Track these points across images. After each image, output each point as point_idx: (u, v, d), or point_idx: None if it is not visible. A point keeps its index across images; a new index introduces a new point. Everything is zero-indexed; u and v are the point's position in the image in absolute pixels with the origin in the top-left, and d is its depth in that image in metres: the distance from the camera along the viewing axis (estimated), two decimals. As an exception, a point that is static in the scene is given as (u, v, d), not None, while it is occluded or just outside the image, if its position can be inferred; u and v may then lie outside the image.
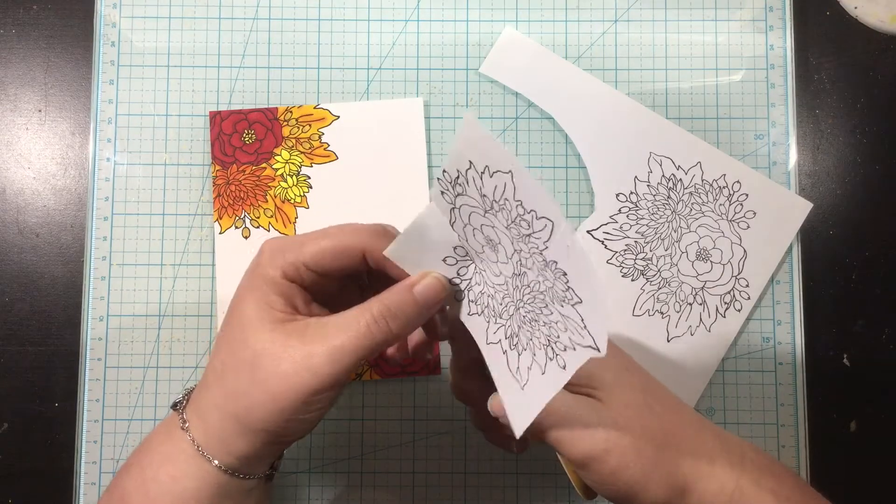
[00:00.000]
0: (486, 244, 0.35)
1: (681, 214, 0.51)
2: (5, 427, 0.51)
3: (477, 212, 0.34)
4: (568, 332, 0.33)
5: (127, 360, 0.51)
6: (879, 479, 0.51)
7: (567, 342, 0.33)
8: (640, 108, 0.52)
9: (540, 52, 0.53)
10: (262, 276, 0.34)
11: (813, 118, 0.53)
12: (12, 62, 0.53)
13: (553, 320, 0.33)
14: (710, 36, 0.53)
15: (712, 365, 0.51)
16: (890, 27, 0.53)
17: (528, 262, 0.34)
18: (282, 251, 0.35)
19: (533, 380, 0.34)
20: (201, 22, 0.53)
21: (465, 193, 0.34)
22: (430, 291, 0.35)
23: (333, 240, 0.35)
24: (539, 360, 0.34)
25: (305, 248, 0.35)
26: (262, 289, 0.34)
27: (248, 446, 0.34)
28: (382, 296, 0.34)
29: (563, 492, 0.51)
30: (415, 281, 0.35)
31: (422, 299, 0.35)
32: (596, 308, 0.31)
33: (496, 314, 0.36)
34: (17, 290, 0.52)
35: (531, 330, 0.35)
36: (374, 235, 0.35)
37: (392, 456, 0.51)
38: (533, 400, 0.34)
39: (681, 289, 0.51)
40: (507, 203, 0.33)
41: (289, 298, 0.34)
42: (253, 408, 0.33)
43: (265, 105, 0.52)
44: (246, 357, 0.33)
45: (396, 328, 0.34)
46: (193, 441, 0.34)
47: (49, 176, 0.53)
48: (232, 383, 0.33)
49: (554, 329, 0.34)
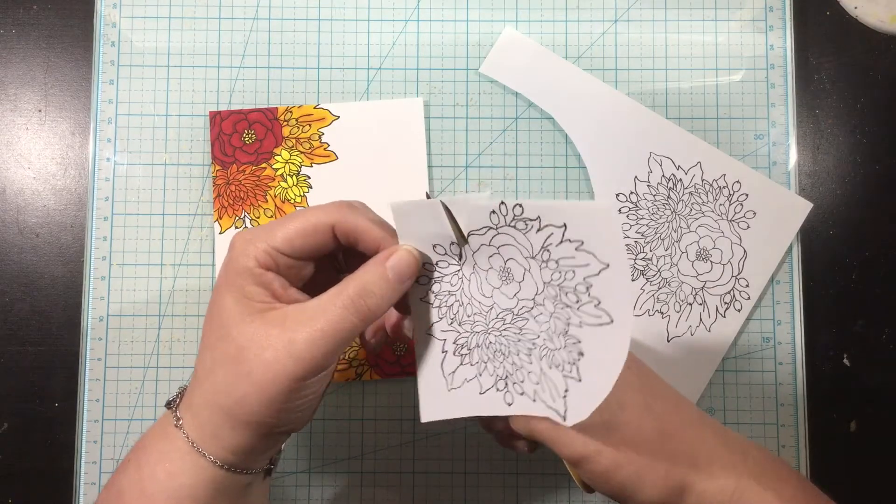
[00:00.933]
0: (496, 268, 0.35)
1: (681, 214, 0.51)
2: (5, 427, 0.51)
3: (513, 248, 0.35)
4: (538, 386, 0.35)
5: (127, 360, 0.51)
6: (879, 479, 0.51)
7: (531, 392, 0.35)
8: (640, 108, 0.52)
9: (540, 52, 0.53)
10: (236, 269, 0.34)
11: (813, 118, 0.53)
12: (12, 62, 0.53)
13: (525, 368, 0.35)
14: (710, 36, 0.53)
15: (712, 365, 0.51)
16: (890, 27, 0.53)
17: (540, 317, 0.34)
18: (252, 241, 0.35)
19: (465, 391, 0.36)
20: (201, 22, 0.53)
21: (511, 231, 0.34)
22: (403, 264, 0.35)
23: (301, 220, 0.35)
24: (483, 382, 0.36)
25: (275, 233, 0.35)
26: (238, 281, 0.34)
27: (242, 440, 0.34)
28: (357, 274, 0.34)
29: (563, 492, 0.51)
30: (387, 255, 0.35)
31: (395, 274, 0.35)
32: (592, 399, 0.33)
33: (455, 319, 0.37)
34: (17, 290, 0.52)
35: (491, 356, 0.36)
36: (340, 209, 0.35)
37: (392, 456, 0.51)
38: (455, 406, 0.36)
39: (681, 289, 0.51)
40: (566, 271, 0.34)
41: (266, 286, 0.34)
42: (242, 400, 0.33)
43: (265, 105, 0.52)
44: (230, 351, 0.33)
45: (374, 304, 0.34)
46: (188, 438, 0.34)
47: (49, 176, 0.53)
48: (220, 378, 0.33)
49: (520, 373, 0.35)
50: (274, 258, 0.35)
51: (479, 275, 0.36)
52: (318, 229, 0.35)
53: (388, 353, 0.51)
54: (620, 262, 0.32)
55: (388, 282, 0.34)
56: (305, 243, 0.35)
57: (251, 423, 0.33)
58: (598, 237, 0.33)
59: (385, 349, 0.51)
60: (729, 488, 0.35)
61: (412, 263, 0.35)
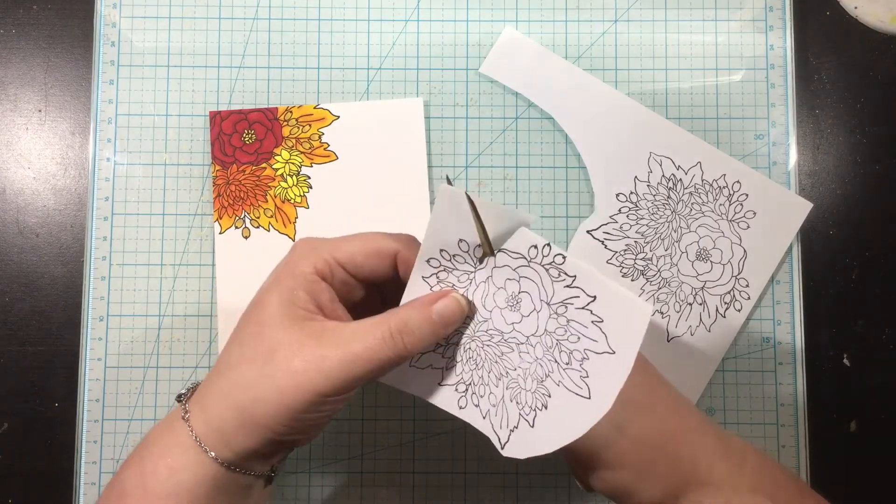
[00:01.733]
0: (508, 291, 0.36)
1: (681, 214, 0.51)
2: (5, 427, 0.51)
3: (534, 285, 0.35)
4: (493, 409, 0.36)
5: (127, 360, 0.51)
6: (879, 479, 0.51)
7: (484, 409, 0.37)
8: (640, 108, 0.52)
9: (540, 52, 0.53)
10: (291, 272, 0.35)
11: (813, 118, 0.53)
12: (12, 62, 0.53)
13: (490, 387, 0.36)
14: (710, 36, 0.53)
15: (712, 365, 0.51)
16: (890, 27, 0.53)
17: (525, 356, 0.35)
18: (316, 248, 0.35)
19: (426, 375, 0.38)
20: (201, 22, 0.53)
21: (540, 271, 0.35)
22: (449, 311, 0.35)
23: (368, 240, 0.35)
24: (446, 376, 0.38)
25: (340, 247, 0.35)
26: (290, 283, 0.34)
27: (248, 440, 0.34)
28: (402, 309, 0.34)
29: (563, 492, 0.51)
30: (436, 297, 0.35)
31: (439, 319, 0.35)
32: (534, 448, 0.35)
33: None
34: (17, 290, 0.52)
35: (464, 359, 0.37)
36: (406, 239, 0.36)
37: (392, 456, 0.51)
38: (410, 381, 0.38)
39: (681, 289, 0.51)
40: (572, 333, 0.35)
41: (315, 295, 0.35)
42: (258, 400, 0.33)
43: (265, 105, 0.52)
44: (261, 349, 0.33)
45: (411, 344, 0.34)
46: (192, 431, 0.34)
47: (49, 176, 0.53)
48: (242, 373, 0.33)
49: (483, 388, 0.37)
50: (332, 270, 0.35)
51: (489, 287, 0.36)
52: (382, 253, 0.35)
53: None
54: (627, 357, 0.33)
55: (432, 325, 0.34)
56: (366, 263, 0.35)
57: (259, 426, 0.33)
58: (620, 327, 0.33)
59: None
60: (724, 494, 0.35)
61: (458, 312, 0.35)
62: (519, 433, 0.36)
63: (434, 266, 0.36)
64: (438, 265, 0.36)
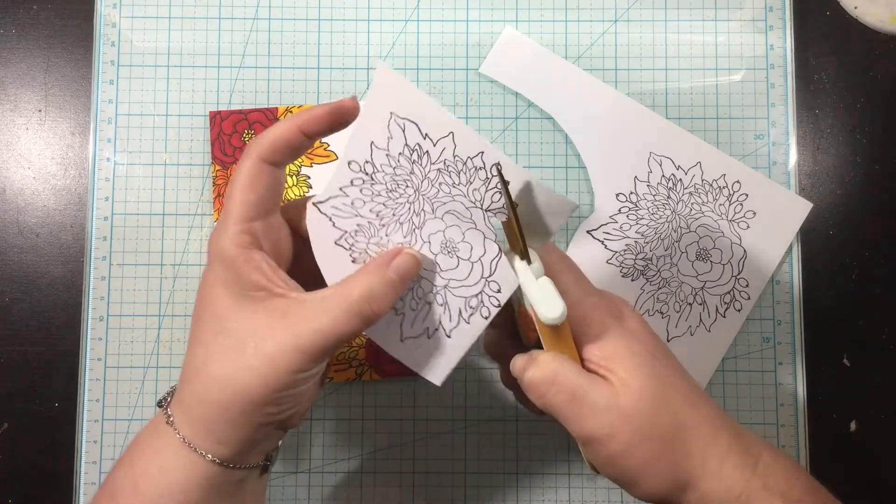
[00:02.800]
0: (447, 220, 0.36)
1: (681, 214, 0.51)
2: (5, 427, 0.51)
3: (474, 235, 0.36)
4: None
5: (127, 360, 0.51)
6: (879, 479, 0.51)
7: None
8: (640, 108, 0.52)
9: (540, 52, 0.53)
10: (221, 261, 0.34)
11: (813, 118, 0.53)
12: (12, 62, 0.53)
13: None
14: (710, 36, 0.53)
15: (712, 365, 0.51)
16: (890, 27, 0.53)
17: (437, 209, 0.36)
18: (220, 231, 0.35)
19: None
20: (201, 22, 0.53)
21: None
22: (406, 267, 0.36)
23: (239, 179, 0.35)
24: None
25: (229, 209, 0.35)
26: (227, 273, 0.34)
27: (239, 433, 0.34)
28: (361, 277, 0.35)
29: (563, 492, 0.51)
30: (390, 257, 0.35)
31: (398, 278, 0.35)
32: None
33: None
34: (17, 290, 0.52)
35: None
36: (259, 144, 0.36)
37: (392, 456, 0.51)
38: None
39: (681, 289, 0.51)
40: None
41: (256, 269, 0.34)
42: (238, 392, 0.33)
43: (265, 105, 0.52)
44: (228, 344, 0.33)
45: (378, 308, 0.34)
46: (179, 435, 0.34)
47: (49, 176, 0.53)
48: (216, 372, 0.33)
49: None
50: (249, 231, 0.35)
51: (426, 201, 0.36)
52: (264, 171, 0.35)
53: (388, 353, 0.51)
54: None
55: (393, 285, 0.35)
56: (259, 191, 0.35)
57: (246, 415, 0.33)
58: None
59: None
60: (736, 491, 0.35)
61: (415, 266, 0.36)
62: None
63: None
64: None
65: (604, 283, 0.51)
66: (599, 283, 0.51)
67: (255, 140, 0.36)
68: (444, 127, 0.35)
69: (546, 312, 0.34)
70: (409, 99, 0.35)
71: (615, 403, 0.35)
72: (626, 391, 0.35)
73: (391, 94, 0.35)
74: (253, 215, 0.35)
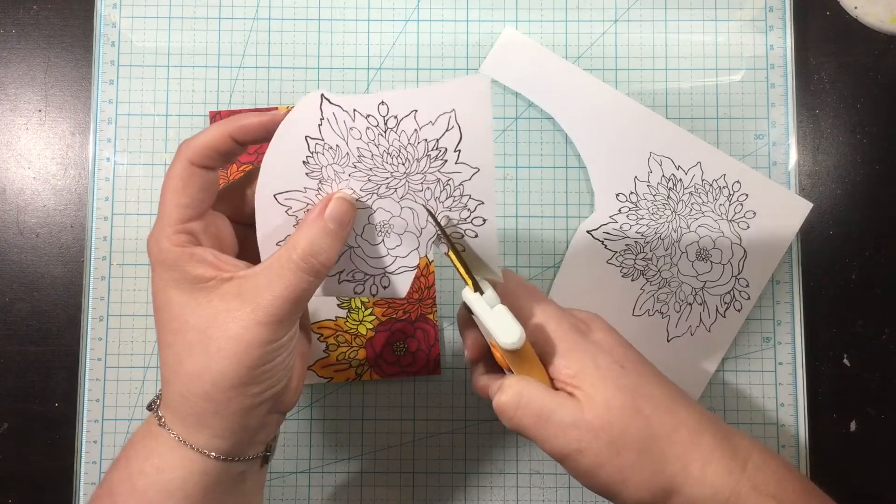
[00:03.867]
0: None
1: (681, 214, 0.51)
2: (5, 427, 0.51)
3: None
4: None
5: (127, 360, 0.51)
6: (879, 479, 0.51)
7: None
8: (640, 108, 0.52)
9: (540, 52, 0.53)
10: (163, 264, 0.35)
11: (813, 118, 0.53)
12: (12, 62, 0.53)
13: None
14: (710, 36, 0.53)
15: (712, 365, 0.51)
16: (890, 27, 0.53)
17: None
18: (157, 235, 0.35)
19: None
20: (201, 22, 0.53)
21: None
22: (341, 212, 0.35)
23: (172, 179, 0.35)
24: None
25: (165, 212, 0.35)
26: (173, 274, 0.34)
27: (229, 421, 0.34)
28: (299, 234, 0.35)
29: (563, 492, 0.51)
30: (322, 207, 0.35)
31: (336, 224, 0.35)
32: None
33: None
34: (17, 290, 0.52)
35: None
36: (186, 147, 0.36)
37: (392, 456, 0.51)
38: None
39: (681, 289, 0.51)
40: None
41: (202, 262, 0.34)
42: (218, 379, 0.33)
43: (265, 105, 0.52)
44: (191, 338, 0.33)
45: (325, 259, 0.35)
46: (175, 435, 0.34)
47: (49, 176, 0.53)
48: (189, 368, 0.33)
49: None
50: (187, 231, 0.35)
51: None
52: (195, 174, 0.35)
53: (388, 353, 0.51)
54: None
55: (332, 233, 0.35)
56: (193, 190, 0.35)
57: (231, 400, 0.33)
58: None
59: (385, 349, 0.51)
60: (723, 494, 0.35)
61: (349, 209, 0.36)
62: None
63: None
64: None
65: (604, 283, 0.51)
66: (599, 283, 0.51)
67: (186, 143, 0.36)
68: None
69: (503, 339, 0.35)
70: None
71: (581, 419, 0.35)
72: (591, 406, 0.35)
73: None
74: (187, 217, 0.35)
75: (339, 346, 0.51)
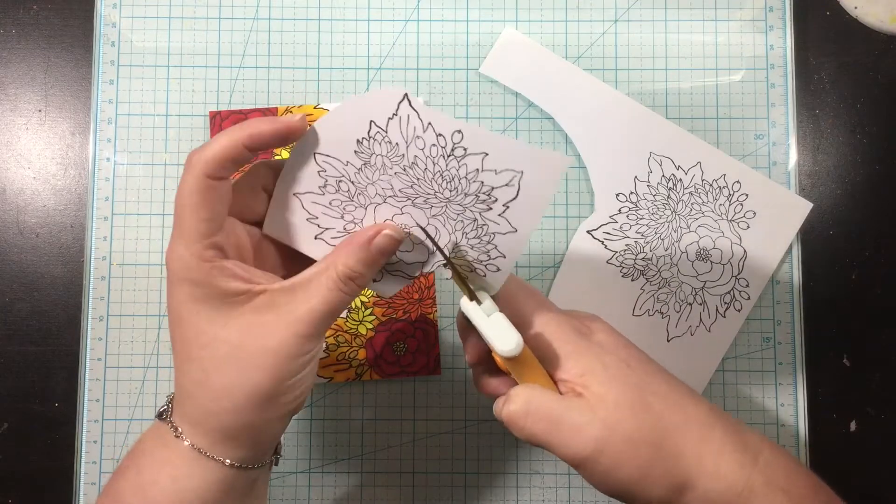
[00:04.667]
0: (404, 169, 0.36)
1: (681, 214, 0.51)
2: (5, 427, 0.51)
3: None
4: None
5: (127, 360, 0.51)
6: (879, 479, 0.51)
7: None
8: (640, 108, 0.52)
9: (540, 52, 0.53)
10: (191, 282, 0.34)
11: (813, 118, 0.53)
12: (12, 62, 0.53)
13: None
14: (710, 36, 0.53)
15: (712, 365, 0.51)
16: (890, 27, 0.53)
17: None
18: (183, 251, 0.34)
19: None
20: (201, 22, 0.53)
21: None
22: (386, 244, 0.36)
23: (189, 198, 0.34)
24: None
25: (186, 227, 0.34)
26: (201, 291, 0.33)
27: (258, 432, 0.34)
28: (342, 252, 0.35)
29: (563, 492, 0.51)
30: (372, 235, 0.35)
31: (380, 254, 0.36)
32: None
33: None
34: (17, 290, 0.52)
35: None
36: (198, 158, 0.35)
37: (392, 456, 0.51)
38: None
39: (681, 289, 0.51)
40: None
41: (235, 275, 0.34)
42: (253, 393, 0.33)
43: (265, 105, 0.52)
44: (224, 353, 0.33)
45: (361, 283, 0.35)
46: (192, 445, 0.34)
47: (49, 176, 0.53)
48: (219, 383, 0.33)
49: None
50: (214, 245, 0.34)
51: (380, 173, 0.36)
52: (212, 187, 0.34)
53: (388, 353, 0.51)
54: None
55: (374, 261, 0.36)
56: (212, 210, 0.34)
57: (264, 412, 0.34)
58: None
59: (385, 349, 0.51)
60: (737, 488, 0.35)
61: (395, 245, 0.36)
62: None
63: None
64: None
65: (604, 283, 0.51)
66: (599, 283, 0.51)
67: (197, 155, 0.34)
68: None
69: (501, 346, 0.35)
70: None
71: (594, 418, 0.35)
72: (602, 404, 0.35)
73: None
74: (212, 231, 0.34)
75: (339, 346, 0.51)
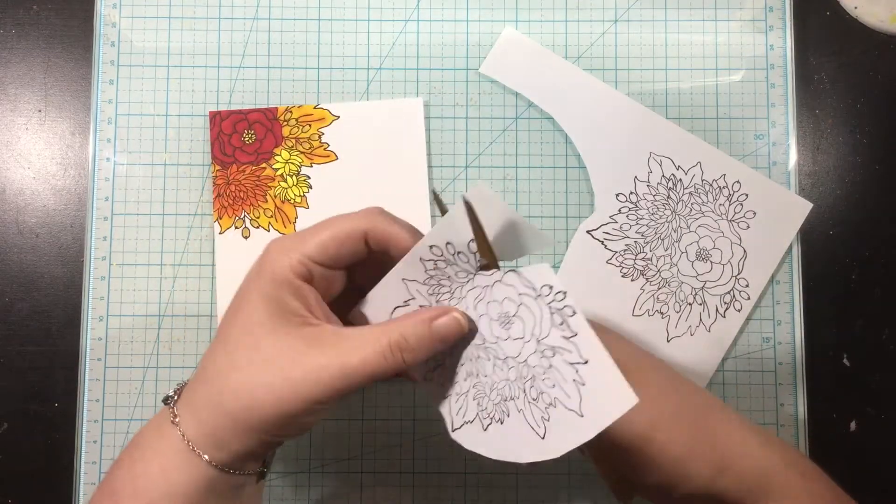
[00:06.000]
0: (501, 309, 0.35)
1: (681, 214, 0.51)
2: (5, 427, 0.51)
3: (529, 315, 0.34)
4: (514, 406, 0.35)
5: (127, 360, 0.51)
6: (879, 479, 0.51)
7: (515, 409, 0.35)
8: (640, 108, 0.52)
9: (540, 52, 0.53)
10: (273, 279, 0.34)
11: (813, 118, 0.53)
12: (12, 62, 0.53)
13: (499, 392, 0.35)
14: (710, 36, 0.53)
15: (712, 365, 0.51)
16: (890, 27, 0.53)
17: (510, 373, 0.34)
18: (287, 250, 0.35)
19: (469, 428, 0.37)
20: (201, 22, 0.53)
21: (541, 306, 0.34)
22: (448, 330, 0.35)
23: (334, 227, 0.35)
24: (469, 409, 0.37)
25: (308, 242, 0.35)
26: (275, 292, 0.34)
27: (242, 445, 0.34)
28: (401, 323, 0.34)
29: (563, 492, 0.51)
30: (436, 314, 0.35)
31: (439, 337, 0.35)
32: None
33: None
34: (17, 290, 0.52)
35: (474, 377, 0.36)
36: (372, 215, 0.36)
37: (392, 456, 0.51)
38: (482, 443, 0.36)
39: (681, 289, 0.51)
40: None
41: (303, 299, 0.34)
42: (254, 408, 0.33)
43: (265, 105, 0.52)
44: (256, 359, 0.33)
45: (409, 359, 0.34)
46: (184, 437, 0.34)
47: (49, 176, 0.53)
48: (233, 383, 0.33)
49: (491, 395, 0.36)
50: (309, 268, 0.35)
51: (485, 293, 0.35)
52: (352, 236, 0.35)
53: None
54: (591, 427, 0.32)
55: (431, 342, 0.34)
56: (339, 252, 0.35)
57: (254, 430, 0.33)
58: (598, 400, 0.32)
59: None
60: (762, 465, 0.36)
61: (458, 332, 0.35)
62: (471, 427, 0.36)
63: (426, 260, 0.36)
64: (432, 261, 0.36)
65: (604, 283, 0.51)
66: (599, 283, 0.51)
67: (377, 209, 0.36)
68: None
69: None
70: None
71: (644, 398, 0.35)
72: (646, 388, 0.35)
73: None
74: (321, 261, 0.35)
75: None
